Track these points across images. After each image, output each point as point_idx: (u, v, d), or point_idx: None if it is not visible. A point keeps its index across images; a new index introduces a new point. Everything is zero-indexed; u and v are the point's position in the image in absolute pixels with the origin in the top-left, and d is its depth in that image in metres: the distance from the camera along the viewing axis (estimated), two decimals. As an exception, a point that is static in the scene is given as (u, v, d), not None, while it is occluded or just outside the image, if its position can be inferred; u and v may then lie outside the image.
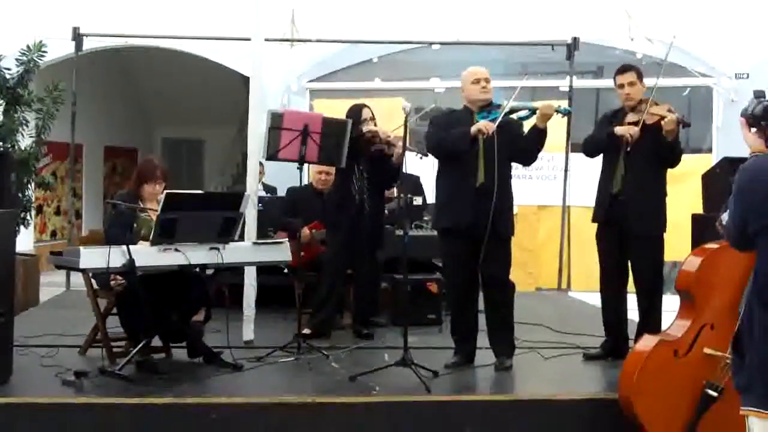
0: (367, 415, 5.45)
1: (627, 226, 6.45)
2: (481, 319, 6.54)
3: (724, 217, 3.41)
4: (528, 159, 6.47)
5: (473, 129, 6.13)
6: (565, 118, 6.10)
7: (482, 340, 6.52)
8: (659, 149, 6.36)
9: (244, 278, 7.04)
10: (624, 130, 6.45)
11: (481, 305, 6.52)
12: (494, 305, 6.41)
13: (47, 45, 9.74)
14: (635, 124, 6.41)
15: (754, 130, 3.48)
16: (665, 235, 6.60)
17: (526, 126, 6.44)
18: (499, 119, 6.15)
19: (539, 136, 6.24)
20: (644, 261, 6.50)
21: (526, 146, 6.28)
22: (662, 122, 6.26)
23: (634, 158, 6.40)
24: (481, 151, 6.19)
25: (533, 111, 6.27)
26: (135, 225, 6.28)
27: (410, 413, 5.50)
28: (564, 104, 10.76)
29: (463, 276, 6.40)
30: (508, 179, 6.34)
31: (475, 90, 6.37)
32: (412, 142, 7.13)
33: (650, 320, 6.41)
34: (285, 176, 8.63)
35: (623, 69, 6.66)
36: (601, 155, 6.68)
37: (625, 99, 6.57)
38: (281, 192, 9.53)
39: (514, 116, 6.25)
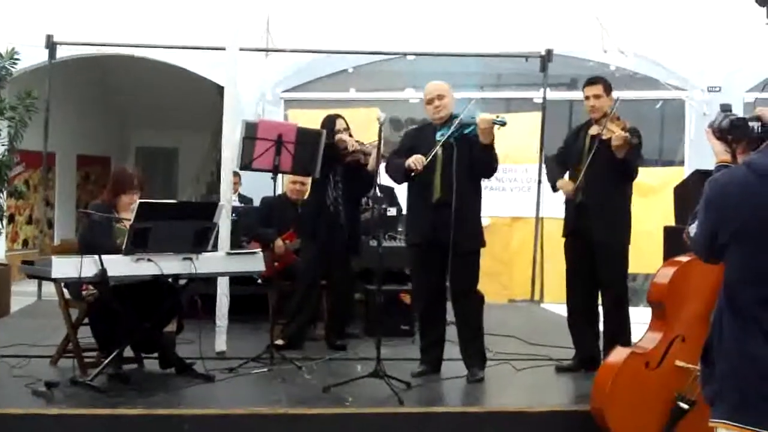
0: (339, 427, 5.44)
1: (590, 237, 6.49)
2: (454, 331, 6.55)
3: (692, 228, 3.42)
4: (484, 173, 6.44)
5: (405, 164, 6.24)
6: (502, 129, 6.10)
7: (455, 351, 6.53)
8: (614, 164, 6.40)
9: (217, 288, 7.02)
10: (562, 185, 6.66)
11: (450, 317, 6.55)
12: (462, 317, 6.44)
13: (20, 52, 9.69)
14: (596, 137, 6.46)
15: (720, 142, 3.52)
16: (635, 247, 6.63)
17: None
18: (442, 141, 6.19)
19: (484, 151, 6.20)
20: (608, 271, 6.53)
21: (478, 161, 6.28)
22: (611, 139, 6.31)
23: (595, 170, 6.45)
24: (439, 166, 6.25)
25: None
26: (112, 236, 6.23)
27: (383, 425, 5.49)
28: (532, 115, 10.83)
29: (429, 288, 6.45)
30: (471, 192, 6.32)
31: (430, 110, 6.45)
32: (388, 151, 7.14)
33: (617, 331, 6.44)
34: (260, 186, 8.61)
35: (591, 81, 6.74)
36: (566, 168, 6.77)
37: (590, 111, 6.66)
38: (257, 203, 9.52)
39: (466, 131, 6.23)
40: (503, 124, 6.08)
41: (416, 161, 6.18)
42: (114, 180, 6.53)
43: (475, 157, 6.21)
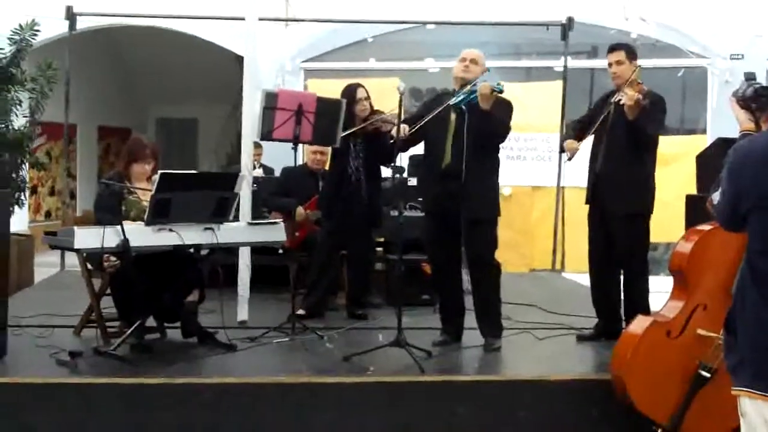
0: (361, 396, 5.46)
1: (607, 205, 6.46)
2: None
3: (715, 196, 3.41)
4: (491, 140, 6.32)
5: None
6: (523, 97, 6.13)
7: (473, 320, 6.53)
8: (629, 128, 6.33)
9: (239, 258, 7.04)
10: (568, 143, 6.62)
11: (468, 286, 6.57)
12: (477, 286, 6.43)
13: (40, 24, 9.69)
14: (618, 103, 6.39)
15: (744, 111, 3.50)
16: (657, 216, 6.59)
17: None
18: (443, 106, 6.17)
19: (484, 118, 6.10)
20: (624, 240, 6.48)
21: (480, 128, 6.20)
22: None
23: (615, 138, 6.40)
24: (450, 133, 6.22)
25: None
26: (123, 207, 6.24)
27: (404, 393, 5.50)
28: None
29: (443, 256, 6.45)
30: (483, 160, 6.25)
31: (458, 67, 6.38)
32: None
33: (636, 300, 6.43)
34: (280, 156, 8.62)
35: (611, 48, 6.65)
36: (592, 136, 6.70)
37: (613, 78, 6.57)
38: (278, 173, 9.53)
39: (470, 97, 6.15)
40: (500, 91, 6.05)
41: (402, 131, 6.20)
42: (127, 149, 6.54)
43: (478, 125, 6.17)
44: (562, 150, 6.78)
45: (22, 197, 9.90)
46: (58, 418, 5.25)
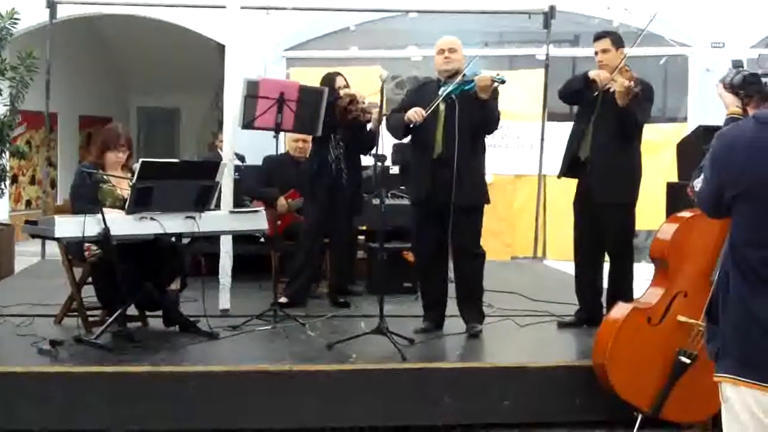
0: (343, 383, 5.47)
1: (594, 193, 6.47)
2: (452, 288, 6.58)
3: (697, 183, 3.40)
4: (485, 129, 6.38)
5: (405, 117, 6.20)
6: (505, 85, 6.08)
7: (455, 308, 6.54)
8: (619, 116, 6.34)
9: (220, 247, 7.03)
10: (595, 74, 6.46)
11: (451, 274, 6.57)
12: (462, 274, 6.46)
13: (20, 12, 9.63)
14: (605, 92, 6.40)
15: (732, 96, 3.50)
16: (640, 204, 6.61)
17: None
18: (443, 96, 6.16)
19: (482, 107, 6.17)
20: (611, 228, 6.51)
21: (477, 118, 6.24)
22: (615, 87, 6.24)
23: (602, 126, 6.41)
24: (441, 122, 6.22)
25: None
26: (99, 196, 6.14)
27: (386, 381, 5.52)
28: (542, 71, 10.80)
29: (429, 245, 6.45)
30: (474, 149, 6.28)
31: (439, 61, 6.40)
32: (389, 109, 7.12)
33: (620, 288, 6.45)
34: (262, 145, 8.60)
35: (597, 36, 6.66)
36: (573, 121, 6.70)
37: (600, 66, 6.56)
38: (251, 161, 9.50)
39: (466, 87, 6.19)
40: (502, 82, 6.07)
41: (416, 113, 6.16)
42: (102, 138, 6.49)
43: (474, 114, 6.19)
44: (584, 83, 6.54)
45: (3, 186, 9.85)
46: (41, 407, 5.23)
